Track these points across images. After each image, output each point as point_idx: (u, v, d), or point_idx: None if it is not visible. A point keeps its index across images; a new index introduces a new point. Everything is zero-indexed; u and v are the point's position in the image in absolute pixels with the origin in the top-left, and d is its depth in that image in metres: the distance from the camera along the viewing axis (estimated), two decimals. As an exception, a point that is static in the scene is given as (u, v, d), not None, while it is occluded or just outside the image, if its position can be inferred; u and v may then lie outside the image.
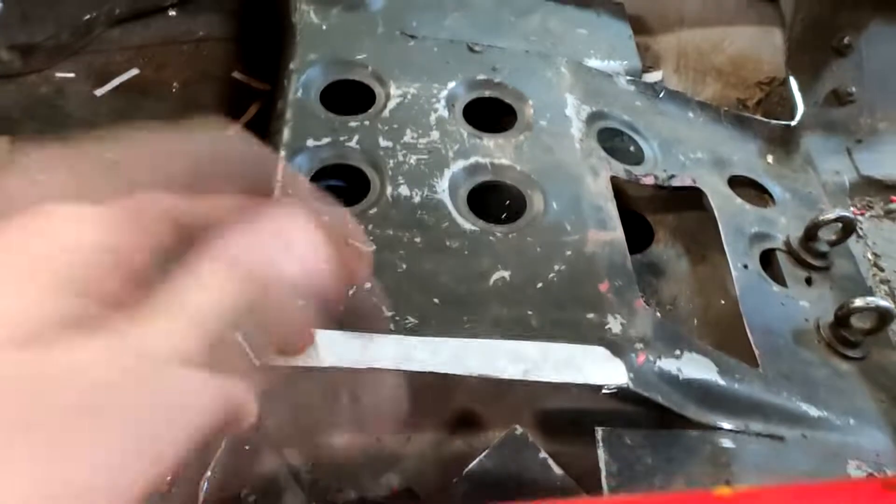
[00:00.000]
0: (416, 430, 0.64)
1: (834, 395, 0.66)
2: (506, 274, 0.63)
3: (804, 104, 0.92)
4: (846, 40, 0.98)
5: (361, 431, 0.64)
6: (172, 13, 0.95)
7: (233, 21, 0.97)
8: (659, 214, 0.82)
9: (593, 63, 0.87)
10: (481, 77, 0.79)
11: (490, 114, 0.79)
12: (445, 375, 0.57)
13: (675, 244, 0.81)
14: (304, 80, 0.75)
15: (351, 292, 0.36)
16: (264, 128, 0.79)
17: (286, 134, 0.70)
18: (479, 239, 0.65)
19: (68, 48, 0.90)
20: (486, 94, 0.79)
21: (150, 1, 0.92)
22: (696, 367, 0.62)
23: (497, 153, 0.72)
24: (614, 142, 0.82)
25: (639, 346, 0.60)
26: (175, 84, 0.93)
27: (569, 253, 0.65)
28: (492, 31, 0.86)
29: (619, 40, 0.91)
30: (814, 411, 0.64)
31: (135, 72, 0.93)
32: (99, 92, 0.91)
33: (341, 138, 0.71)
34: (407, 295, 0.61)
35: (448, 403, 0.64)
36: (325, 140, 0.70)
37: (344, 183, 0.75)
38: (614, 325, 0.61)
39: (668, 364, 0.60)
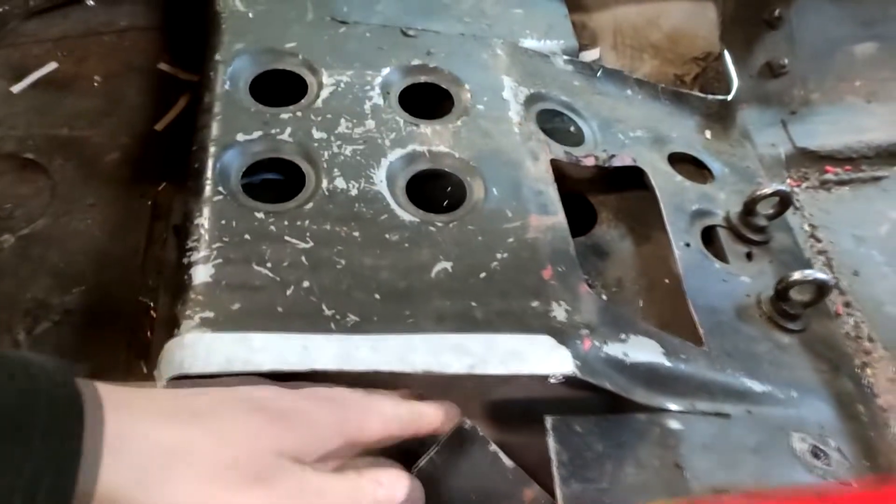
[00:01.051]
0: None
1: (776, 369, 0.67)
2: (448, 265, 0.62)
3: (739, 78, 0.92)
4: (777, 13, 0.99)
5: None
6: (91, 3, 0.90)
7: (156, 10, 0.93)
8: (601, 195, 0.82)
9: (530, 44, 0.86)
10: (416, 62, 0.77)
11: (426, 99, 0.78)
12: (390, 373, 0.56)
13: (618, 225, 0.81)
14: (232, 71, 0.72)
15: None
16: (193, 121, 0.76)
17: (215, 128, 0.67)
18: (419, 230, 0.64)
19: (-20, 43, 0.85)
20: (422, 79, 0.77)
21: (68, -9, 0.88)
22: (641, 349, 0.62)
23: (435, 140, 0.71)
24: (554, 122, 0.82)
25: (584, 331, 0.60)
26: (97, 78, 0.89)
27: (511, 240, 0.64)
28: (425, 14, 0.84)
29: (555, 19, 0.90)
30: (757, 386, 0.64)
31: (53, 66, 0.89)
32: (16, 88, 0.86)
33: (273, 131, 0.68)
34: (347, 292, 0.59)
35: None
36: (257, 134, 0.68)
37: (280, 176, 0.73)
38: (559, 312, 0.60)
39: (614, 349, 0.60)
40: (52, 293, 0.71)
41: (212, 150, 0.66)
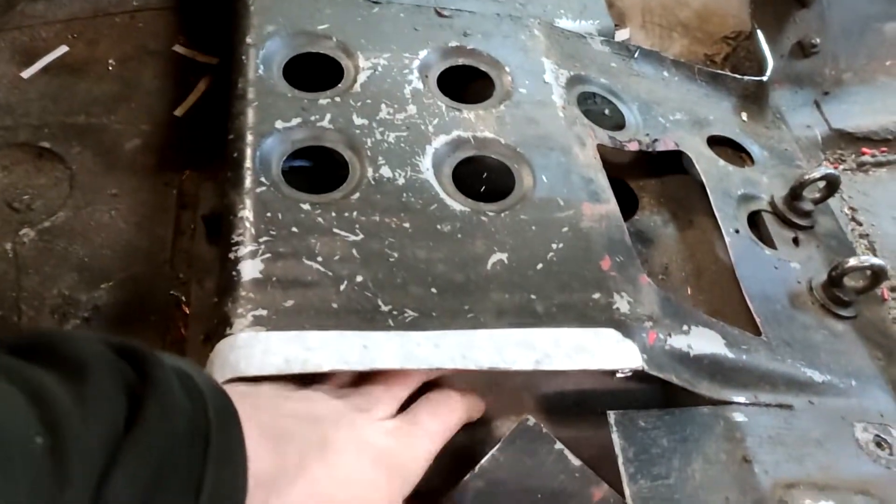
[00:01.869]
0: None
1: (834, 358, 0.65)
2: (503, 256, 0.60)
3: (772, 58, 0.90)
4: (808, -10, 0.97)
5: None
6: (101, -18, 0.86)
7: (170, -12, 0.89)
8: (641, 180, 0.80)
9: (565, 24, 0.83)
10: (453, 44, 0.74)
11: (462, 79, 0.75)
12: (454, 370, 0.54)
13: (660, 210, 0.79)
14: (264, 55, 0.69)
15: None
16: (216, 105, 0.73)
17: (251, 116, 0.64)
18: (470, 220, 0.62)
19: (-12, 26, 0.81)
20: (461, 62, 0.74)
21: (77, -30, 0.84)
22: (704, 341, 0.60)
23: (479, 126, 0.68)
24: (587, 104, 0.79)
25: (648, 324, 0.58)
26: (111, 61, 0.85)
27: (565, 230, 0.62)
28: (458, -8, 0.81)
29: (589, -1, 0.87)
30: (818, 376, 0.63)
31: (64, 49, 0.84)
32: (26, 74, 0.82)
33: (312, 118, 0.65)
34: (402, 286, 0.56)
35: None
36: (296, 121, 0.65)
37: (310, 163, 0.70)
38: (621, 304, 0.58)
39: (677, 341, 0.58)
40: (78, 289, 0.68)
41: (250, 138, 0.63)
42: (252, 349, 0.51)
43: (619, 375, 0.55)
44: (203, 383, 0.40)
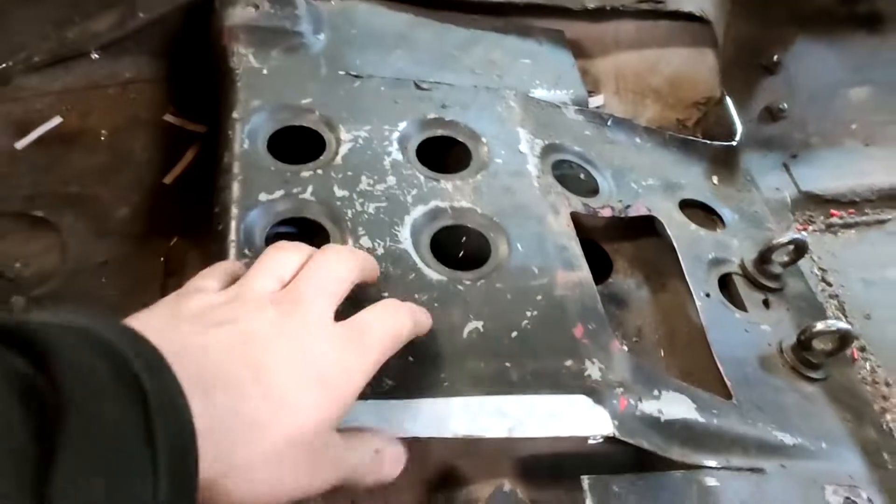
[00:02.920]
0: (392, 493, 0.62)
1: (805, 420, 0.67)
2: (479, 325, 0.62)
3: (740, 123, 0.94)
4: (775, 58, 1.01)
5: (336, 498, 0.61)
6: (95, 56, 0.89)
7: (161, 61, 0.92)
8: (616, 244, 0.82)
9: (540, 94, 0.86)
10: (432, 116, 0.77)
11: (441, 149, 0.78)
12: (428, 438, 0.55)
13: (634, 273, 0.81)
14: (250, 129, 0.72)
15: None
16: (204, 172, 0.75)
17: (236, 189, 0.67)
18: (447, 289, 0.64)
19: (-16, 100, 0.84)
20: (439, 132, 0.77)
21: (72, 46, 0.86)
22: (675, 406, 0.62)
23: (456, 196, 0.71)
24: (563, 169, 0.82)
25: (619, 390, 0.59)
26: (103, 132, 0.87)
27: (539, 298, 0.64)
28: (436, 66, 0.84)
29: (563, 69, 0.91)
30: (789, 439, 0.64)
31: (58, 120, 0.87)
32: (20, 144, 0.85)
33: (295, 190, 0.68)
34: (381, 355, 0.58)
35: (426, 461, 0.62)
36: (279, 193, 0.67)
37: (296, 230, 0.72)
38: (593, 371, 0.60)
39: (648, 406, 0.60)
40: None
41: (234, 211, 0.65)
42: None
43: (591, 442, 0.57)
44: (110, 333, 0.36)
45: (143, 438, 0.33)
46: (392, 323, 0.52)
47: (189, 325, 0.44)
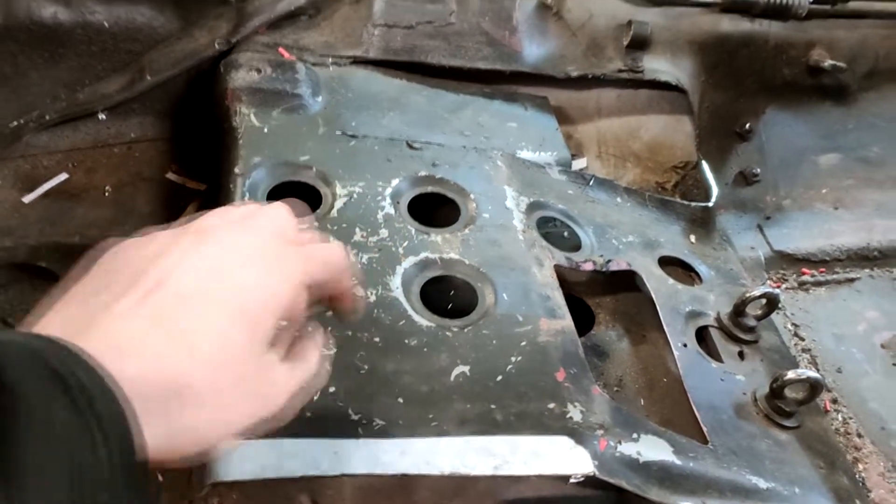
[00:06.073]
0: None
1: (778, 466, 0.69)
2: (465, 369, 0.65)
3: (716, 186, 0.99)
4: (747, 126, 1.07)
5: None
6: (103, 116, 0.94)
7: (165, 122, 0.97)
8: (598, 297, 0.86)
9: (526, 155, 0.91)
10: (423, 173, 0.82)
11: (431, 204, 0.82)
12: (417, 476, 0.57)
13: (615, 325, 0.84)
14: (250, 183, 0.76)
15: None
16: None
17: (236, 239, 0.70)
18: (436, 335, 0.67)
19: (-5, 156, 0.88)
20: (429, 189, 0.81)
21: (80, 106, 0.91)
22: (653, 448, 0.64)
23: (445, 248, 0.74)
24: (548, 227, 0.86)
25: (599, 432, 0.62)
26: (107, 188, 0.91)
27: (523, 343, 0.67)
28: (428, 127, 0.89)
29: (548, 132, 0.96)
30: (763, 483, 0.67)
31: (64, 176, 0.91)
32: (27, 199, 0.88)
33: (292, 241, 0.71)
34: (371, 397, 0.61)
35: (412, 501, 0.64)
36: (277, 243, 0.71)
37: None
38: (574, 413, 0.63)
39: (627, 448, 0.63)
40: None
41: (234, 259, 0.68)
42: (230, 458, 0.55)
43: (572, 481, 0.59)
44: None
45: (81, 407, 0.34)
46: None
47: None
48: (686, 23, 1.03)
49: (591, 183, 0.91)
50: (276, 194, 0.77)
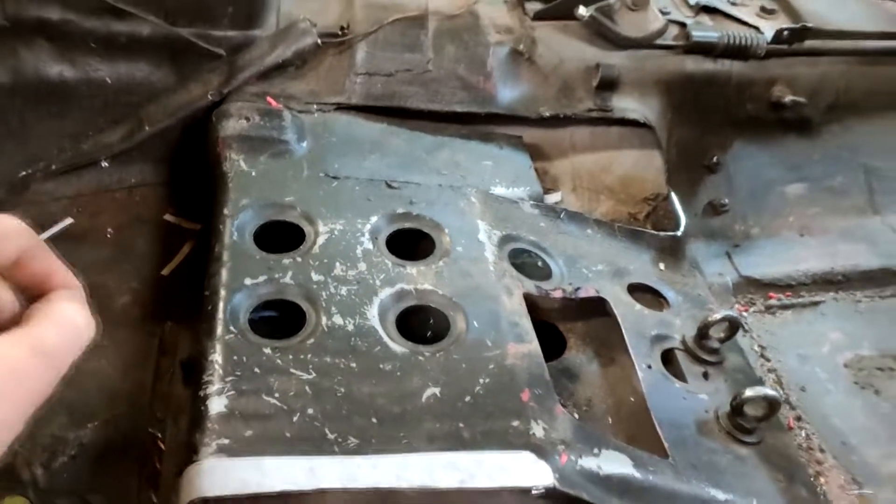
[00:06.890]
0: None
1: (737, 480, 0.73)
2: (436, 391, 0.69)
3: (686, 216, 1.04)
4: (715, 159, 1.13)
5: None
6: (105, 164, 1.00)
7: (163, 167, 1.04)
8: (570, 323, 0.91)
9: (500, 191, 0.97)
10: (400, 210, 0.88)
11: (409, 240, 0.87)
12: (388, 490, 0.62)
13: (585, 350, 0.89)
14: (238, 223, 0.81)
15: None
16: (198, 264, 0.85)
17: (224, 275, 0.76)
18: (409, 360, 0.72)
19: (4, 204, 0.94)
20: (406, 225, 0.87)
21: (85, 156, 0.98)
22: (613, 462, 0.68)
23: (420, 279, 0.80)
24: (523, 258, 0.91)
25: (561, 447, 0.66)
26: (109, 230, 0.97)
27: (492, 367, 0.72)
28: (407, 168, 0.95)
29: (522, 170, 1.02)
30: (721, 495, 0.71)
31: (70, 221, 0.97)
32: (34, 242, 0.94)
33: (276, 275, 0.77)
34: (347, 417, 0.66)
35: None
36: (262, 278, 0.76)
37: (276, 313, 0.81)
38: (537, 430, 0.67)
39: (588, 462, 0.67)
40: (67, 429, 0.77)
41: (222, 294, 0.74)
42: (214, 474, 0.60)
43: (534, 493, 0.64)
44: None
45: None
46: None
47: None
48: (652, 64, 1.09)
49: (562, 216, 0.97)
50: (263, 231, 0.83)
